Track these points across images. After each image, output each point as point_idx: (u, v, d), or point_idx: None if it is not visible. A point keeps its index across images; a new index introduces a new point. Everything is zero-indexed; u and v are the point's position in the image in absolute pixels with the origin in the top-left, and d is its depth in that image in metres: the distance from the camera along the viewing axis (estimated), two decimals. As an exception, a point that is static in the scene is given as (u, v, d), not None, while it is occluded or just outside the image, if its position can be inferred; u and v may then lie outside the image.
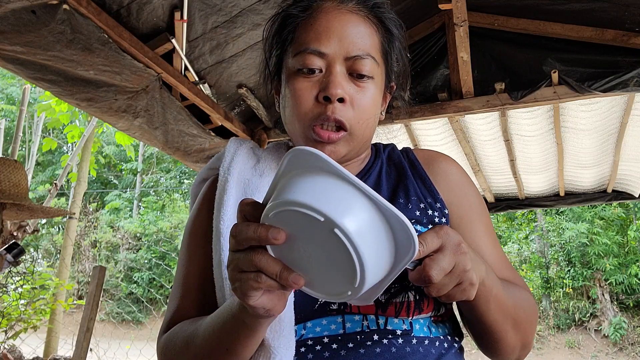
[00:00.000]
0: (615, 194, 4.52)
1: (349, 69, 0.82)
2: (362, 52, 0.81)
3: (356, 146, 0.85)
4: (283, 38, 0.88)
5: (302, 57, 0.82)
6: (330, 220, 0.52)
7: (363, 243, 0.53)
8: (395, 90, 0.96)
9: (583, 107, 3.29)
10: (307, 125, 0.82)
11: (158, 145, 2.76)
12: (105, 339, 7.73)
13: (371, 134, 0.88)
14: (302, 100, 0.82)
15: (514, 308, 0.79)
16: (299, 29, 0.85)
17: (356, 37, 0.82)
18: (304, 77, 0.82)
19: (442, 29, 3.15)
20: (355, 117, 0.81)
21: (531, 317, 0.84)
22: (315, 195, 0.53)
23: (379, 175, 0.92)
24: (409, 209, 0.85)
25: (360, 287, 0.55)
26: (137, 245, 16.12)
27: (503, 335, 0.79)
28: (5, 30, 1.78)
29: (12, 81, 16.81)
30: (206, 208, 0.90)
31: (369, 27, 0.85)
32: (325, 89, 0.80)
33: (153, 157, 18.93)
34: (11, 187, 2.74)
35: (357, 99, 0.82)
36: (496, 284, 0.74)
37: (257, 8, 2.42)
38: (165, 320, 0.86)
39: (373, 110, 0.85)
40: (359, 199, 0.54)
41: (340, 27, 0.82)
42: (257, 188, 0.87)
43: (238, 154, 0.93)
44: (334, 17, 0.83)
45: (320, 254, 0.56)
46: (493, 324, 0.77)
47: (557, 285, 12.42)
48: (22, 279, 5.61)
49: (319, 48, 0.81)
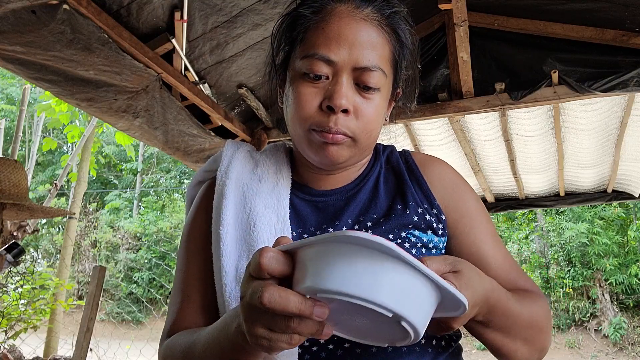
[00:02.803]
0: (615, 194, 4.52)
1: (356, 79, 0.79)
2: (371, 64, 0.79)
3: (359, 152, 0.84)
4: (293, 36, 0.86)
5: (310, 62, 0.79)
6: (399, 316, 0.49)
7: (422, 325, 0.52)
8: (402, 97, 0.94)
9: (583, 107, 3.29)
10: (309, 129, 0.81)
11: (158, 145, 2.76)
12: (105, 339, 7.73)
13: (374, 142, 0.87)
14: (306, 105, 0.80)
15: (528, 324, 0.78)
16: (310, 30, 0.83)
17: (367, 48, 0.79)
18: (309, 82, 0.80)
19: (442, 29, 3.15)
20: (359, 128, 0.80)
21: (546, 326, 0.82)
22: (379, 288, 0.48)
23: (376, 181, 0.92)
24: (407, 214, 0.84)
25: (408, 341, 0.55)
26: (137, 245, 16.12)
27: (516, 349, 0.78)
28: (5, 30, 1.78)
29: (12, 81, 16.81)
30: (203, 212, 0.90)
31: (382, 37, 0.82)
32: (330, 98, 0.78)
33: (153, 157, 18.93)
34: (11, 187, 2.73)
35: (361, 110, 0.80)
36: (502, 305, 0.72)
37: (257, 8, 2.42)
38: (167, 326, 0.85)
39: (377, 120, 0.83)
40: (424, 287, 0.51)
41: (352, 36, 0.79)
42: (257, 193, 0.87)
43: (235, 157, 0.93)
44: (346, 24, 0.80)
45: (368, 323, 0.55)
46: (503, 339, 0.76)
47: (557, 285, 12.42)
48: (22, 279, 5.61)
49: (327, 55, 0.78)
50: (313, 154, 0.82)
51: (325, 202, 0.89)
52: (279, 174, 0.91)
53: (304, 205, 0.89)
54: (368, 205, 0.88)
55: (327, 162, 0.82)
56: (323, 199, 0.89)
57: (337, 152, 0.80)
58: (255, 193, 0.87)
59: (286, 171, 0.92)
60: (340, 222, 0.85)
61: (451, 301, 0.54)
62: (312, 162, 0.86)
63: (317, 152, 0.81)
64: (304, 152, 0.85)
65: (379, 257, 0.48)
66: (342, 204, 0.88)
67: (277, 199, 0.86)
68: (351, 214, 0.86)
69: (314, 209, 0.88)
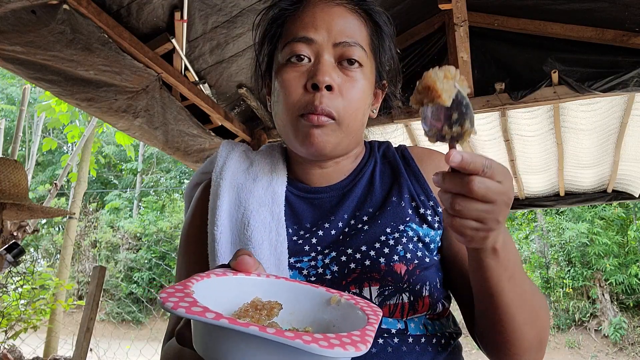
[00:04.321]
0: (615, 194, 4.53)
1: (337, 57, 0.82)
2: (350, 40, 0.81)
3: (345, 138, 0.83)
4: (272, 33, 0.89)
5: (290, 46, 0.82)
6: None
7: None
8: (388, 88, 0.94)
9: (583, 107, 3.29)
10: (296, 116, 0.81)
11: (158, 145, 2.76)
12: (105, 339, 7.73)
13: (360, 128, 0.86)
14: (291, 90, 0.81)
15: (532, 298, 0.73)
16: (288, 22, 0.86)
17: (344, 26, 0.82)
18: (292, 66, 0.82)
19: (442, 29, 3.15)
20: (343, 107, 0.80)
21: (546, 314, 0.78)
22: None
23: (372, 175, 0.91)
24: (402, 206, 0.84)
25: None
26: (137, 245, 16.11)
27: (518, 327, 0.72)
28: (5, 30, 1.78)
29: (12, 81, 16.81)
30: (200, 213, 0.90)
31: (358, 19, 0.85)
32: (313, 76, 0.79)
33: (153, 157, 18.93)
34: (11, 187, 2.73)
35: (345, 88, 0.81)
36: (516, 260, 0.69)
37: (257, 8, 2.42)
38: (169, 327, 0.87)
39: (362, 101, 0.83)
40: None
41: (329, 17, 0.82)
42: (251, 192, 0.87)
43: (230, 157, 0.93)
44: (321, 9, 0.83)
45: None
46: (507, 306, 0.70)
47: (557, 285, 12.42)
48: (22, 279, 5.61)
49: (307, 34, 0.81)
50: (300, 144, 0.82)
51: (321, 198, 0.89)
52: (274, 172, 0.91)
53: (300, 202, 0.89)
54: (364, 199, 0.88)
55: (313, 150, 0.81)
56: (318, 196, 0.89)
57: (322, 138, 0.80)
58: (250, 192, 0.87)
59: (282, 169, 0.92)
60: (336, 217, 0.85)
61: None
62: (300, 154, 0.86)
63: (303, 141, 0.81)
64: (292, 145, 0.85)
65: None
66: (338, 200, 0.88)
67: (272, 197, 0.86)
68: (347, 209, 0.86)
69: (309, 205, 0.88)
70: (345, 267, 0.78)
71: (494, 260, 0.66)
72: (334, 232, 0.84)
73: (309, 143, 0.80)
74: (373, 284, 0.76)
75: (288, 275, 0.78)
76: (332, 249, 0.81)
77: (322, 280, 0.78)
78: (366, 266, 0.78)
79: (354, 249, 0.80)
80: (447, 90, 0.57)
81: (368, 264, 0.78)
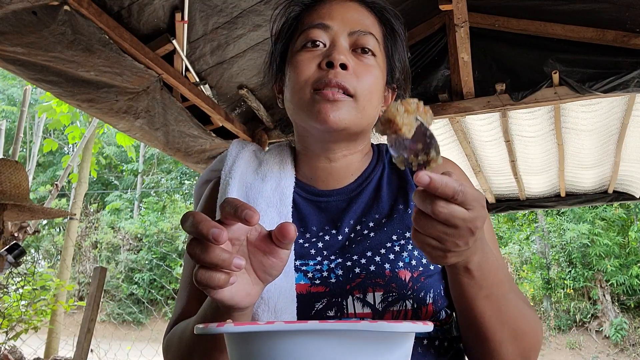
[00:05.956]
0: (616, 195, 4.53)
1: (352, 44, 0.84)
2: (365, 29, 0.85)
3: (361, 118, 0.82)
4: (288, 27, 0.91)
5: (306, 33, 0.84)
6: None
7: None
8: (397, 92, 0.95)
9: (584, 107, 3.29)
10: (309, 91, 0.80)
11: (159, 146, 2.76)
12: (106, 340, 7.73)
13: (373, 115, 0.85)
14: (304, 68, 0.82)
15: (515, 317, 0.73)
16: (304, 16, 0.89)
17: (360, 18, 0.86)
18: (307, 50, 0.84)
19: (443, 29, 3.15)
20: (359, 85, 0.81)
21: (535, 333, 0.76)
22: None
23: (379, 181, 0.91)
24: (409, 214, 0.84)
25: None
26: (137, 246, 16.12)
27: (497, 344, 0.72)
28: (6, 31, 1.78)
29: (13, 82, 16.84)
30: (208, 211, 0.90)
31: (372, 17, 0.88)
32: (328, 55, 0.81)
33: (154, 158, 18.94)
34: (12, 188, 2.74)
35: (360, 71, 0.82)
36: (495, 280, 0.68)
37: (258, 9, 2.42)
38: (172, 319, 0.87)
39: (376, 85, 0.84)
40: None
41: (344, 10, 0.86)
42: (260, 192, 0.87)
43: (240, 157, 0.93)
44: (337, 4, 0.87)
45: None
46: (485, 323, 0.70)
47: (558, 286, 12.41)
48: (22, 280, 5.60)
49: (323, 21, 0.84)
50: (314, 120, 0.80)
51: (328, 202, 0.89)
52: (282, 173, 0.91)
53: (307, 205, 0.89)
54: (370, 205, 0.87)
55: (328, 125, 0.79)
56: (325, 199, 0.89)
57: (337, 113, 0.79)
58: (258, 192, 0.87)
59: (290, 169, 0.92)
60: (342, 222, 0.85)
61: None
62: (313, 132, 0.85)
63: (318, 116, 0.79)
64: (305, 122, 0.84)
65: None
66: (344, 205, 0.88)
67: (280, 197, 0.86)
68: (353, 215, 0.86)
69: (316, 209, 0.88)
70: (350, 272, 0.78)
71: (467, 278, 0.66)
72: (341, 238, 0.84)
73: (324, 118, 0.79)
74: (377, 290, 0.76)
75: (293, 277, 0.78)
76: (339, 254, 0.81)
77: (326, 283, 0.78)
78: (371, 272, 0.78)
79: (359, 255, 0.80)
80: (407, 124, 0.59)
81: (373, 270, 0.78)
